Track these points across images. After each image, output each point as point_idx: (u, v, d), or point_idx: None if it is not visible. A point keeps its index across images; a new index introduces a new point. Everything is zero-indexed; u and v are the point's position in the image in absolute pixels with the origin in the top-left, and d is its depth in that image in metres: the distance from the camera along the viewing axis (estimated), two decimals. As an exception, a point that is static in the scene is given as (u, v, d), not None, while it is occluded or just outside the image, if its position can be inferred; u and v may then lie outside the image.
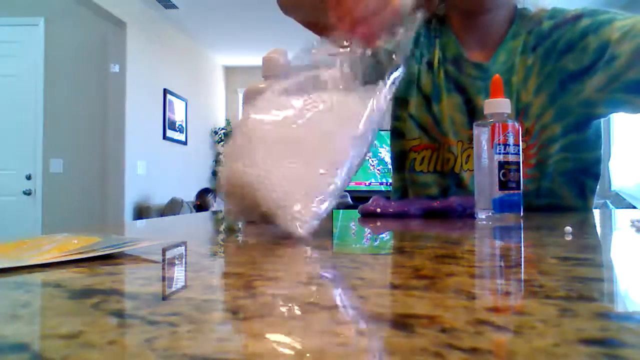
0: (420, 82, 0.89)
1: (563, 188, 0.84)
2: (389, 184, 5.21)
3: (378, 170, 5.76)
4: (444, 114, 0.86)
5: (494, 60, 0.83)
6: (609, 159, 4.63)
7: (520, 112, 0.82)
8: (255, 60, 5.65)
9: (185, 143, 4.96)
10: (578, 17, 0.79)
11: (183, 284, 0.22)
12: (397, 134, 0.94)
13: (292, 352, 0.12)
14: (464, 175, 0.84)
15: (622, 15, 0.76)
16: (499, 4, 0.81)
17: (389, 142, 0.97)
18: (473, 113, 0.84)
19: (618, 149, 4.52)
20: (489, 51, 0.85)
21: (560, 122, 0.81)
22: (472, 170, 0.73)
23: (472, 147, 0.64)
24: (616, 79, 0.74)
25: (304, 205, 0.40)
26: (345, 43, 0.51)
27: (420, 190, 0.89)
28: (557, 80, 0.80)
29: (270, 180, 0.41)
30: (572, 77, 0.79)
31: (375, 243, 0.41)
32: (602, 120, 0.83)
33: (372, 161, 5.80)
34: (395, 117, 0.94)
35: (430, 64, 0.89)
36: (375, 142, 0.54)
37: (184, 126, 4.92)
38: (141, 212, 3.97)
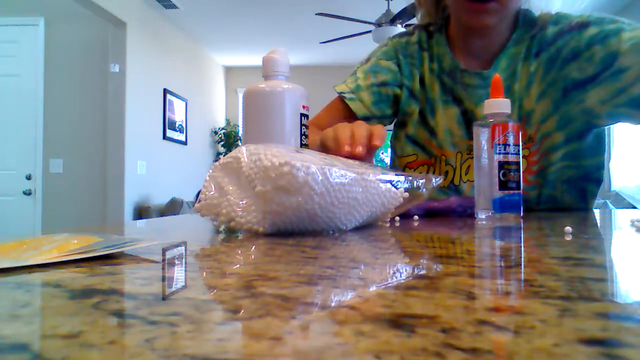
0: (416, 97, 0.87)
1: (565, 195, 0.83)
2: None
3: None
4: (439, 126, 0.85)
5: (495, 67, 0.81)
6: (609, 160, 4.63)
7: (522, 119, 0.81)
8: (255, 60, 5.66)
9: (185, 143, 4.96)
10: (584, 24, 0.77)
11: (183, 284, 0.22)
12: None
13: (292, 352, 0.12)
14: (463, 186, 0.84)
15: (629, 25, 0.74)
16: (504, 18, 0.79)
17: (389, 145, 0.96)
18: (471, 124, 0.83)
19: (618, 150, 4.52)
20: (489, 58, 0.83)
21: (563, 130, 0.80)
22: (472, 181, 0.73)
23: (472, 157, 0.64)
24: (622, 92, 0.72)
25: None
26: None
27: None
28: (560, 88, 0.79)
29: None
30: (575, 85, 0.78)
31: (376, 243, 0.41)
32: None
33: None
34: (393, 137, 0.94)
35: (421, 79, 0.87)
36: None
37: (184, 126, 4.93)
38: (141, 212, 3.97)
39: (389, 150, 0.98)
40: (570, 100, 0.78)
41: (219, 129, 5.89)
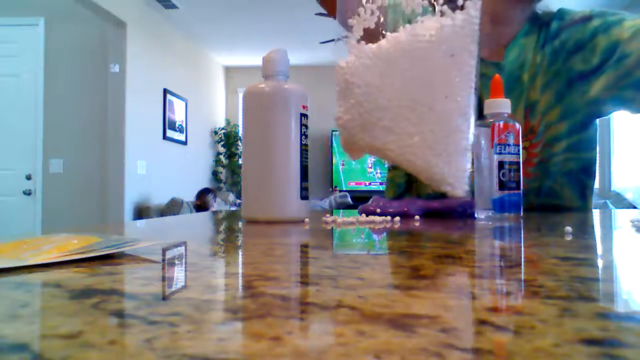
0: None
1: (565, 188, 0.84)
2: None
3: (377, 174, 5.79)
4: None
5: (507, 57, 0.83)
6: (610, 159, 4.63)
7: (527, 109, 0.82)
8: (255, 60, 5.65)
9: (185, 143, 4.96)
10: (588, 18, 0.80)
11: (183, 284, 0.22)
12: None
13: (292, 352, 0.12)
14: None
15: (631, 16, 0.77)
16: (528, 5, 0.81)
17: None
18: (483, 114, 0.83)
19: (618, 149, 4.53)
20: (502, 47, 0.84)
21: (566, 121, 0.81)
22: None
23: None
24: (625, 77, 0.74)
25: (451, 167, 0.42)
26: None
27: (422, 186, 0.89)
28: (564, 80, 0.80)
29: (407, 155, 0.43)
30: (580, 76, 0.79)
31: (375, 243, 0.41)
32: (599, 119, 0.84)
33: (370, 164, 5.82)
34: None
35: None
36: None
37: (184, 126, 4.93)
38: (141, 212, 3.97)
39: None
40: (574, 91, 0.80)
41: (219, 129, 5.89)
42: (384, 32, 0.51)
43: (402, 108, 0.46)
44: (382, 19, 0.52)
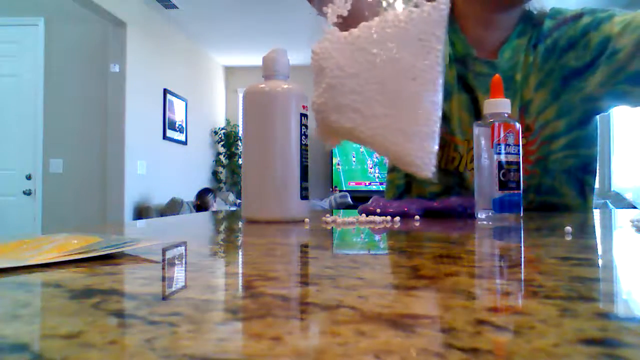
0: None
1: (564, 186, 0.84)
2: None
3: (377, 175, 5.79)
4: (452, 112, 0.85)
5: (501, 57, 0.83)
6: (610, 159, 4.63)
7: (522, 108, 0.82)
8: (255, 60, 5.65)
9: (185, 143, 4.96)
10: (579, 16, 0.80)
11: (183, 284, 0.22)
12: None
13: (292, 352, 0.12)
14: (467, 174, 0.84)
15: (620, 11, 0.78)
16: (517, 7, 0.81)
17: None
18: (480, 112, 0.83)
19: (619, 149, 4.53)
20: (493, 50, 0.84)
21: (564, 119, 0.81)
22: None
23: None
24: (619, 72, 0.75)
25: (419, 149, 0.44)
26: None
27: (422, 187, 0.89)
28: (558, 77, 0.81)
29: (376, 137, 0.45)
30: (574, 73, 0.80)
31: (376, 243, 0.41)
32: (598, 118, 0.84)
33: (369, 163, 5.83)
34: None
35: None
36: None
37: (184, 126, 4.92)
38: (141, 212, 3.97)
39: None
40: (570, 89, 0.80)
41: (219, 129, 5.89)
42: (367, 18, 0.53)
43: (372, 91, 0.48)
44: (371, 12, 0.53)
